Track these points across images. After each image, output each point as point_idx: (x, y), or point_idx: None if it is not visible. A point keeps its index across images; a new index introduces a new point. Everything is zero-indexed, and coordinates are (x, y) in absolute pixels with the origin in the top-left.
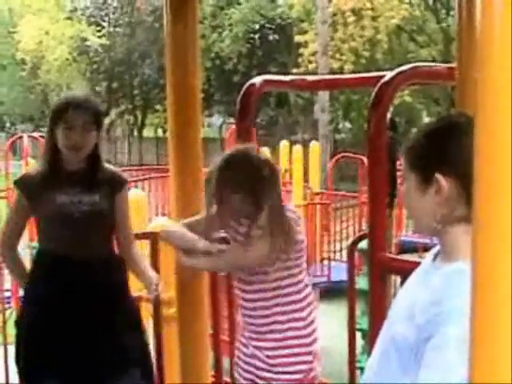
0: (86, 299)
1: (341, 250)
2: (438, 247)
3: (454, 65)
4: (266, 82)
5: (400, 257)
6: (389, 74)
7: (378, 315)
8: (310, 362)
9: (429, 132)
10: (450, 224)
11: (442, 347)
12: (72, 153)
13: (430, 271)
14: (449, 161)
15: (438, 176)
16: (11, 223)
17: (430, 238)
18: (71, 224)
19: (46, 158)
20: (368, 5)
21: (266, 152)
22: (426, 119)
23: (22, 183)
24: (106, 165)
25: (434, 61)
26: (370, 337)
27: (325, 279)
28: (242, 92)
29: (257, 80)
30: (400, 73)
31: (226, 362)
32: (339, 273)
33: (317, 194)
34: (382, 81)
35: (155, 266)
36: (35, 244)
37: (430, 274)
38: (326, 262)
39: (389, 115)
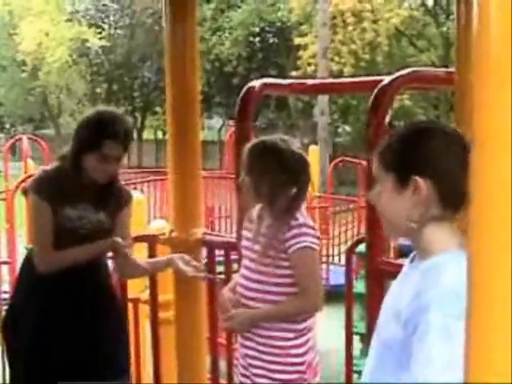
0: (80, 307)
1: (339, 253)
2: (414, 252)
3: (453, 69)
4: (265, 85)
5: (398, 261)
6: (388, 78)
7: (375, 319)
8: (303, 372)
9: (405, 135)
10: (424, 224)
11: (424, 336)
12: (101, 179)
13: (409, 272)
14: (426, 163)
15: (417, 177)
16: (47, 235)
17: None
18: (75, 239)
19: (68, 174)
20: (368, 6)
21: None
22: None
23: (44, 192)
24: (118, 181)
25: (433, 65)
26: (368, 340)
27: (323, 283)
28: (241, 95)
29: (256, 83)
30: (399, 77)
31: (222, 365)
32: (338, 276)
33: (316, 197)
34: (381, 85)
35: None
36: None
37: (409, 274)
38: (324, 266)
39: (388, 119)
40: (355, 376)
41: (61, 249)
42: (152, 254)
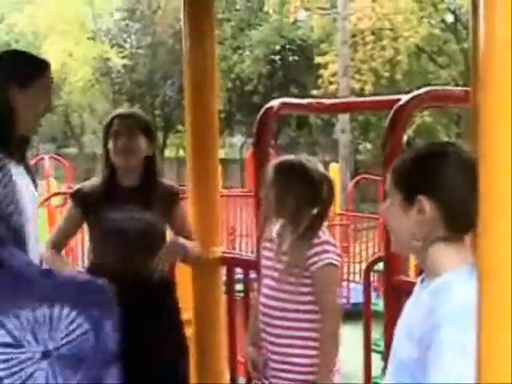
0: (132, 316)
1: (360, 271)
2: (424, 273)
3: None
4: (284, 104)
5: (416, 279)
6: (404, 98)
7: (392, 337)
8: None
9: (418, 155)
10: (429, 244)
11: (438, 353)
12: (121, 160)
13: (419, 292)
14: (434, 185)
15: (422, 198)
16: (59, 230)
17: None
18: (122, 240)
19: (103, 174)
20: (387, 24)
21: None
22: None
23: (78, 197)
24: (163, 181)
25: (454, 81)
26: (386, 359)
27: (344, 301)
28: (259, 115)
29: (274, 103)
30: (415, 96)
31: (241, 382)
32: (359, 295)
33: (337, 215)
34: (398, 104)
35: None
36: None
37: (419, 294)
38: (345, 284)
39: (405, 138)
40: None
41: (110, 250)
42: (171, 272)
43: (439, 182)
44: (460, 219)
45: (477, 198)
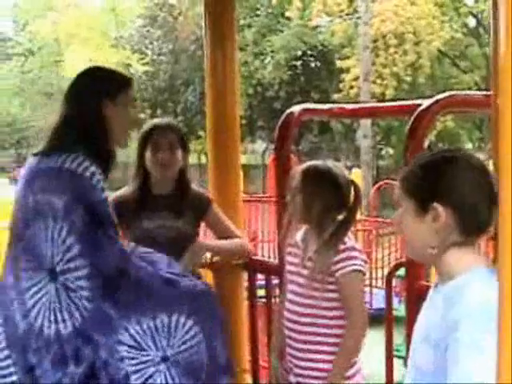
0: None
1: (383, 277)
2: (438, 277)
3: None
4: (305, 110)
5: None
6: (425, 103)
7: None
8: None
9: (429, 162)
10: (444, 250)
11: (455, 354)
12: (160, 172)
13: (433, 296)
14: (447, 191)
15: (436, 205)
16: None
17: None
18: (154, 248)
19: (136, 183)
20: (409, 28)
21: None
22: (469, 145)
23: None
24: (193, 187)
25: (477, 86)
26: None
27: (367, 306)
28: (280, 121)
29: (295, 109)
30: (437, 101)
31: None
32: (381, 300)
33: (359, 220)
34: (419, 109)
35: None
36: None
37: (433, 298)
38: (367, 289)
39: (427, 143)
40: None
41: None
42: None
43: (452, 188)
44: (473, 223)
45: (487, 200)
